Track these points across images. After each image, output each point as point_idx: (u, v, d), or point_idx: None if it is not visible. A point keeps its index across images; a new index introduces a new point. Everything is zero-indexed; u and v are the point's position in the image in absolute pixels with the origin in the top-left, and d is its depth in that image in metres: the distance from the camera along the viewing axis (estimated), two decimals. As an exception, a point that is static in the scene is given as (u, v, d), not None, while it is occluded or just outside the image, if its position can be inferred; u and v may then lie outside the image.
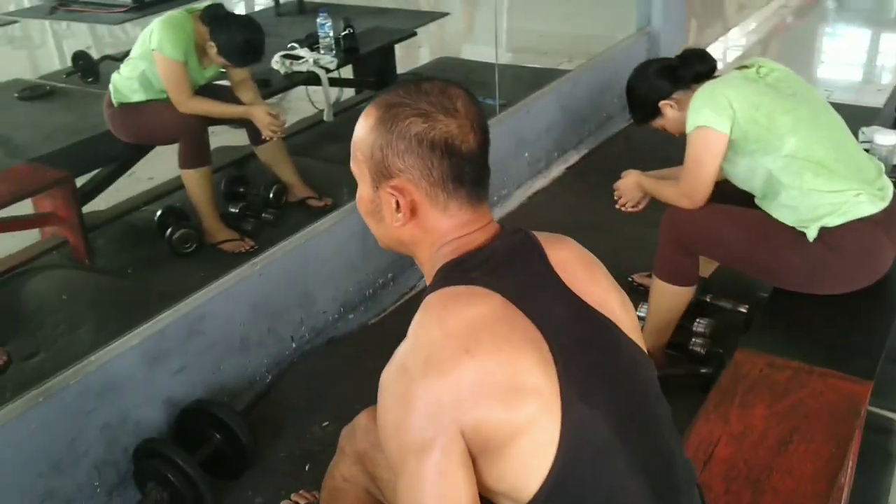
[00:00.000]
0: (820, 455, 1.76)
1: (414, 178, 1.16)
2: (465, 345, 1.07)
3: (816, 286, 2.23)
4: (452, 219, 1.18)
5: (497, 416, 1.05)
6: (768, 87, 2.25)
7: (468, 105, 1.17)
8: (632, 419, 1.17)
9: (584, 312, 1.19)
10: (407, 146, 1.14)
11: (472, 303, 1.11)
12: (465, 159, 1.15)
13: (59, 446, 2.02)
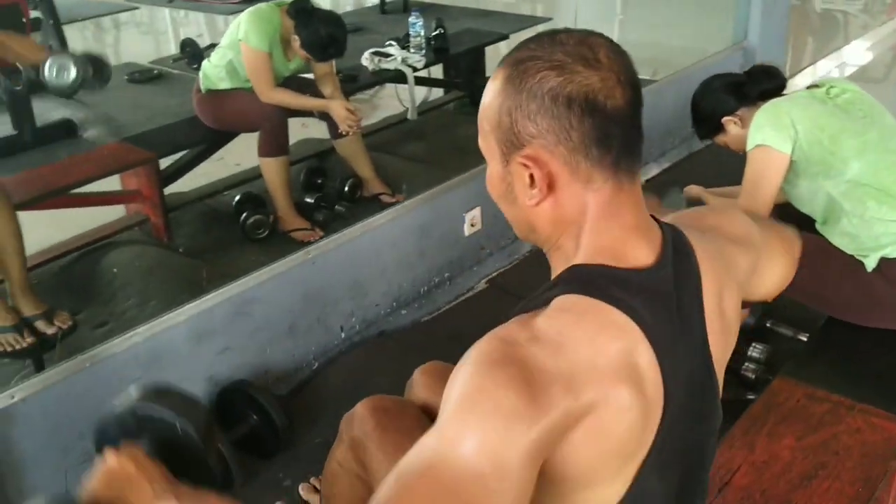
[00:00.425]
0: (843, 493, 1.68)
1: (549, 144, 0.96)
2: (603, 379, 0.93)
3: (871, 319, 2.13)
4: (597, 193, 0.98)
5: (588, 458, 0.94)
6: (837, 108, 2.16)
7: (613, 55, 0.97)
8: (683, 492, 1.11)
9: (705, 377, 1.07)
10: (539, 105, 0.95)
11: (613, 330, 0.95)
12: (611, 119, 0.95)
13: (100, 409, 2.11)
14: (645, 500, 1.03)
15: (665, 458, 1.02)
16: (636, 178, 1.02)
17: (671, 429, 1.00)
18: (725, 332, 1.11)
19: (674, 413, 1.00)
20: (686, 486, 1.10)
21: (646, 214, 1.05)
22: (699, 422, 1.09)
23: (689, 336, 1.04)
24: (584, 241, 1.01)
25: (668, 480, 1.06)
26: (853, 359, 2.11)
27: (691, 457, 1.11)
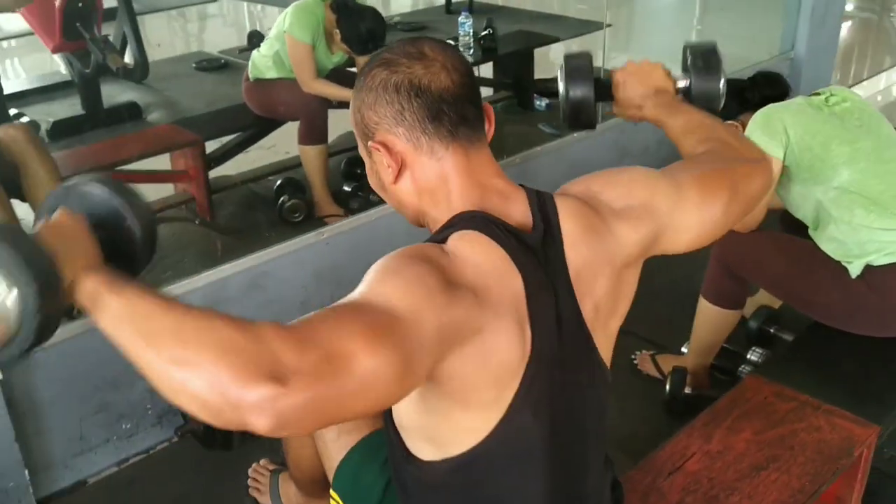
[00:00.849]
0: (788, 486, 1.73)
1: (391, 127, 1.12)
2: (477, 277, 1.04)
3: (853, 325, 2.16)
4: (442, 161, 1.13)
5: (468, 373, 1.05)
6: (832, 115, 2.19)
7: (436, 49, 1.14)
8: (561, 437, 1.20)
9: (573, 322, 1.16)
10: (376, 97, 1.12)
11: (484, 248, 1.07)
12: (439, 98, 1.11)
13: (117, 366, 2.25)
14: (517, 433, 1.13)
15: (535, 395, 1.12)
16: (481, 147, 1.17)
17: (539, 368, 1.11)
18: (594, 294, 1.18)
19: (541, 354, 1.10)
20: (563, 431, 1.19)
21: (503, 176, 1.18)
22: (572, 370, 1.18)
23: (553, 289, 1.13)
24: (456, 200, 1.14)
25: (542, 420, 1.15)
26: (828, 362, 2.14)
27: (568, 403, 1.19)
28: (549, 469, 1.19)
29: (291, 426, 0.87)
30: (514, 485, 1.18)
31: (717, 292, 2.39)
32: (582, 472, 1.28)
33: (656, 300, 3.05)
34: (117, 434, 2.35)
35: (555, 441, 1.18)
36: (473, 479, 1.17)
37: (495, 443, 1.12)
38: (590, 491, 1.30)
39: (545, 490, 1.20)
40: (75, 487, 2.30)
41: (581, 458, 1.27)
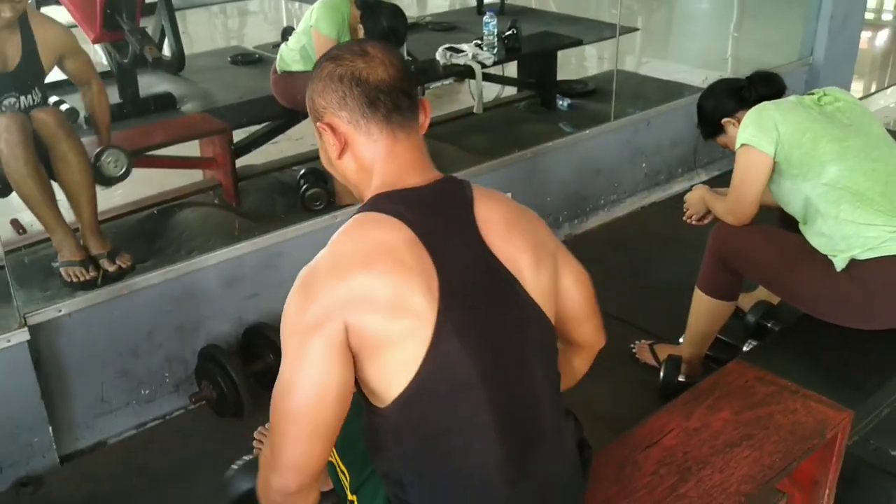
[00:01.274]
0: (759, 462, 1.82)
1: (336, 111, 1.32)
2: (367, 261, 1.26)
3: (837, 317, 2.24)
4: (377, 143, 1.33)
5: (375, 323, 1.24)
6: (823, 114, 2.27)
7: (378, 49, 1.34)
8: (500, 367, 1.33)
9: (489, 265, 1.33)
10: (324, 85, 1.33)
11: (383, 228, 1.29)
12: (377, 87, 1.30)
13: (138, 334, 2.45)
14: (448, 362, 1.27)
15: (457, 325, 1.27)
16: (411, 131, 1.36)
17: (453, 299, 1.27)
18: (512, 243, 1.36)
19: (452, 281, 1.28)
20: (501, 363, 1.33)
21: (425, 159, 1.38)
22: (496, 301, 1.34)
23: (456, 227, 1.34)
24: (374, 181, 1.35)
25: (471, 348, 1.29)
26: (811, 351, 2.22)
27: (499, 336, 1.34)
28: (493, 400, 1.30)
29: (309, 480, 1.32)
30: (462, 416, 1.30)
31: (712, 284, 2.48)
32: (532, 410, 1.38)
33: (656, 294, 3.14)
34: (136, 399, 2.51)
35: (493, 372, 1.31)
36: (422, 414, 1.29)
37: (429, 374, 1.26)
38: (546, 429, 1.40)
39: (495, 422, 1.30)
40: (96, 447, 2.46)
41: (529, 394, 1.37)
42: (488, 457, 1.32)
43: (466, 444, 1.32)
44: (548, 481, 1.39)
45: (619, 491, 1.74)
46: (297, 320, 1.26)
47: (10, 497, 2.26)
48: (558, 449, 1.42)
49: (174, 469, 2.36)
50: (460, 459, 1.32)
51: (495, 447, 1.32)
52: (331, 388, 1.26)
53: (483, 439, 1.31)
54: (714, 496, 1.73)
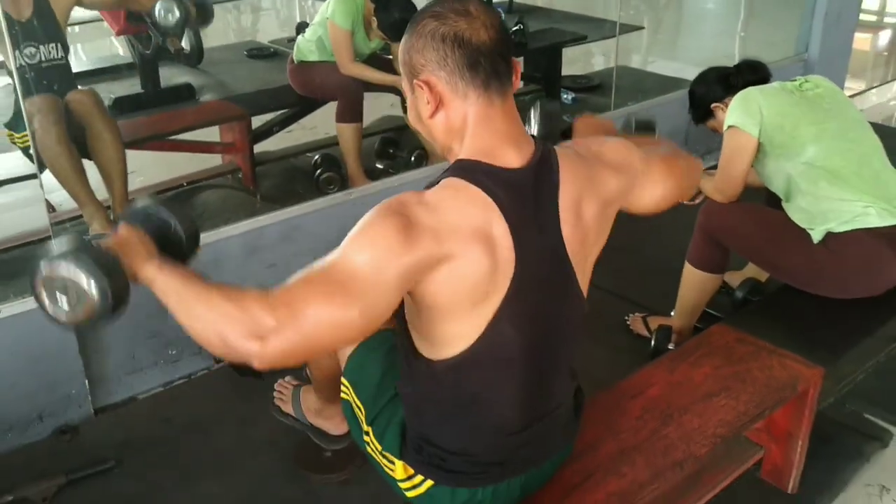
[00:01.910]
0: (735, 409, 2.00)
1: (434, 70, 1.33)
2: (465, 231, 1.30)
3: (815, 286, 2.42)
4: (473, 106, 1.34)
5: (451, 289, 1.32)
6: (804, 99, 2.45)
7: (480, 9, 1.34)
8: (540, 349, 1.49)
9: (559, 258, 1.43)
10: (424, 43, 1.33)
11: (482, 208, 1.33)
12: (478, 50, 1.31)
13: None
14: (500, 342, 1.41)
15: (517, 310, 1.39)
16: (507, 97, 1.38)
17: (522, 287, 1.37)
18: (581, 228, 1.46)
19: (525, 275, 1.36)
20: (539, 344, 1.47)
21: (519, 127, 1.41)
22: (554, 292, 1.45)
23: (542, 221, 1.40)
24: (466, 143, 1.38)
25: (523, 331, 1.43)
26: (789, 317, 2.40)
27: (545, 321, 1.46)
28: (524, 374, 1.48)
29: (281, 363, 1.27)
30: (495, 385, 1.47)
31: (700, 257, 2.66)
32: (551, 379, 1.56)
33: (651, 272, 3.32)
34: (164, 359, 2.70)
35: (531, 352, 1.46)
36: (462, 376, 1.45)
37: (481, 348, 1.39)
38: (556, 393, 1.59)
39: (518, 391, 1.49)
40: (127, 401, 2.65)
41: (552, 367, 1.55)
42: (509, 402, 1.51)
43: (491, 404, 1.50)
44: (551, 424, 1.59)
45: (606, 432, 1.92)
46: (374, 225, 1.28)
47: (49, 443, 2.46)
48: (562, 404, 1.62)
49: (196, 421, 2.55)
50: (482, 413, 1.50)
51: (516, 411, 1.51)
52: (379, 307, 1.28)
53: (507, 404, 1.50)
54: (692, 437, 1.91)
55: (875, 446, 2.44)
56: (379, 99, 4.19)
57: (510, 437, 1.53)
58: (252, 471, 2.36)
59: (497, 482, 1.54)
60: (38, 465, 2.35)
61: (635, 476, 1.80)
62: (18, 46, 2.86)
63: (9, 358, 2.34)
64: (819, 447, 2.39)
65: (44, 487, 2.26)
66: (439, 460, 1.52)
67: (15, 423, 2.41)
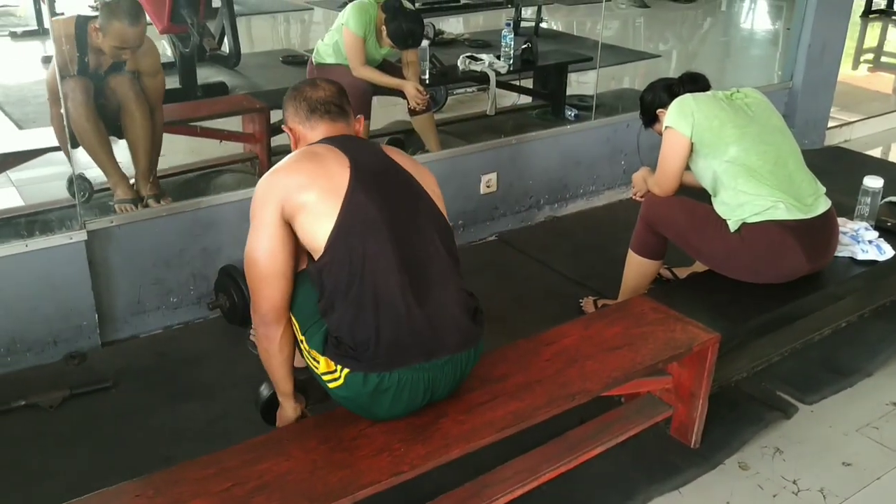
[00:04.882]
0: (632, 360, 2.32)
1: (293, 119, 2.11)
2: (296, 164, 1.97)
3: (731, 270, 2.73)
4: (316, 131, 2.09)
5: (300, 196, 1.91)
6: (731, 106, 2.78)
7: (326, 83, 2.12)
8: (399, 219, 1.96)
9: (391, 166, 2.05)
10: (287, 104, 2.13)
11: (310, 148, 2.02)
12: (317, 101, 2.08)
13: (171, 250, 3.05)
14: (357, 209, 1.91)
15: (366, 187, 1.93)
16: (339, 123, 2.11)
17: (364, 175, 1.94)
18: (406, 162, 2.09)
19: (362, 168, 1.95)
20: (395, 210, 1.96)
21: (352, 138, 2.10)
22: (397, 184, 2.02)
23: (369, 149, 2.07)
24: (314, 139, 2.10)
25: (373, 198, 1.93)
26: (703, 294, 2.72)
27: (401, 201, 1.99)
28: (395, 239, 1.92)
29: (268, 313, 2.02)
30: (373, 249, 1.90)
31: (641, 244, 2.99)
32: (425, 256, 1.98)
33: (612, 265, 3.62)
34: (166, 304, 3.10)
35: (393, 221, 1.93)
36: (344, 249, 1.90)
37: (346, 218, 1.89)
38: (435, 274, 1.99)
39: (397, 255, 1.92)
40: (130, 339, 3.05)
41: (422, 245, 1.98)
42: (392, 281, 1.91)
43: (377, 272, 1.91)
44: (439, 312, 1.97)
45: (517, 368, 2.26)
46: (254, 206, 1.98)
47: (60, 365, 2.86)
48: (446, 294, 2.00)
49: (188, 358, 2.94)
50: (373, 284, 1.91)
51: (397, 275, 1.91)
52: (275, 248, 1.95)
53: (389, 269, 1.91)
54: (589, 377, 2.24)
55: (777, 416, 2.72)
56: (396, 107, 4.58)
57: (401, 319, 1.92)
58: (229, 398, 2.73)
59: (400, 367, 1.90)
60: (48, 382, 2.76)
61: (533, 401, 2.14)
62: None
63: (33, 284, 2.75)
64: (726, 412, 2.70)
65: (51, 397, 2.66)
66: (350, 350, 1.91)
67: (32, 345, 2.82)
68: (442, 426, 2.00)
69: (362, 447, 1.94)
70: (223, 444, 1.94)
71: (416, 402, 1.98)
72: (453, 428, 2.01)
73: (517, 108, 5.42)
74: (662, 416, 2.57)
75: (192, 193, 3.85)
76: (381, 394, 1.91)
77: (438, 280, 1.98)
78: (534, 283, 3.55)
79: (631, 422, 2.52)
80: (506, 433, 2.04)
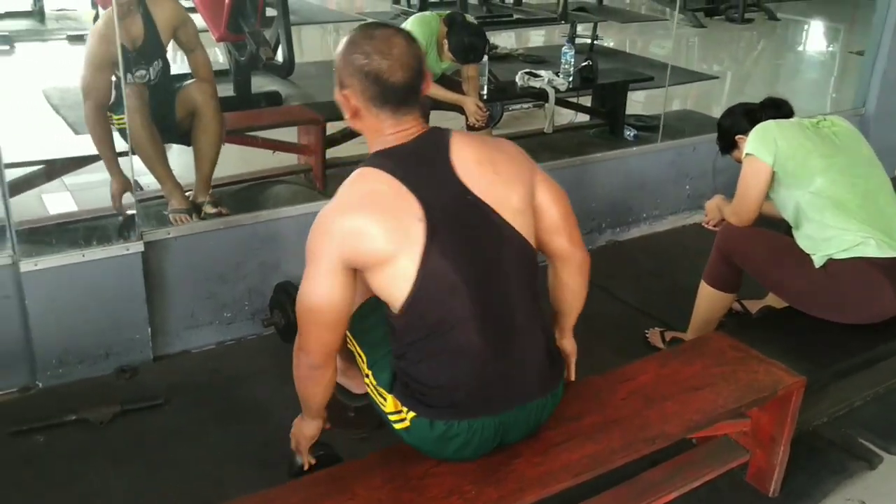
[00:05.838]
0: (713, 402, 2.19)
1: (356, 93, 1.71)
2: (363, 203, 1.70)
3: (815, 308, 2.59)
4: (382, 122, 1.73)
5: (372, 248, 1.66)
6: (817, 135, 2.64)
7: (402, 50, 1.68)
8: (481, 275, 1.75)
9: (466, 199, 1.72)
10: (352, 71, 1.70)
11: (376, 180, 1.70)
12: (390, 88, 1.68)
13: (227, 264, 2.97)
14: (436, 270, 1.68)
15: (441, 244, 1.67)
16: (408, 115, 1.74)
17: (438, 225, 1.67)
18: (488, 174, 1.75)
19: (437, 218, 1.67)
20: (478, 269, 1.73)
21: (418, 126, 1.76)
22: (476, 229, 1.73)
23: (434, 172, 1.72)
24: (376, 145, 1.77)
25: (455, 259, 1.70)
26: (786, 333, 2.57)
27: (475, 250, 1.73)
28: (476, 299, 1.72)
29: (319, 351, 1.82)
30: (452, 311, 1.71)
31: (715, 276, 2.85)
32: (508, 308, 1.79)
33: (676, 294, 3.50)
34: (219, 319, 3.02)
35: (475, 279, 1.72)
36: (422, 312, 1.71)
37: (424, 284, 1.67)
38: (519, 325, 1.81)
39: (477, 315, 1.73)
40: (182, 354, 2.98)
41: (505, 297, 1.78)
42: (474, 338, 1.75)
43: (456, 331, 1.75)
44: (520, 362, 1.82)
45: (593, 406, 2.13)
46: (311, 247, 1.73)
47: (111, 378, 2.79)
48: (528, 340, 1.85)
49: (242, 375, 2.86)
50: (451, 342, 1.75)
51: (479, 332, 1.75)
52: (334, 296, 1.72)
53: (471, 327, 1.74)
54: (669, 419, 2.11)
55: (861, 466, 2.56)
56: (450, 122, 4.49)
57: (478, 370, 1.76)
58: (283, 421, 2.60)
59: (470, 417, 1.78)
60: (100, 395, 2.68)
61: (610, 443, 2.01)
62: (130, 70, 3.25)
63: (87, 295, 2.68)
64: (806, 459, 2.55)
65: (102, 412, 2.59)
66: (420, 395, 1.78)
67: (84, 357, 2.75)
68: (516, 468, 1.89)
69: (430, 487, 1.83)
70: (277, 469, 1.90)
71: (486, 448, 1.86)
72: (528, 470, 1.89)
73: (574, 126, 5.30)
74: (739, 461, 2.43)
75: (244, 204, 3.79)
76: (449, 440, 1.80)
77: (522, 327, 1.83)
78: (596, 311, 3.38)
79: (706, 466, 2.39)
80: (582, 478, 1.92)
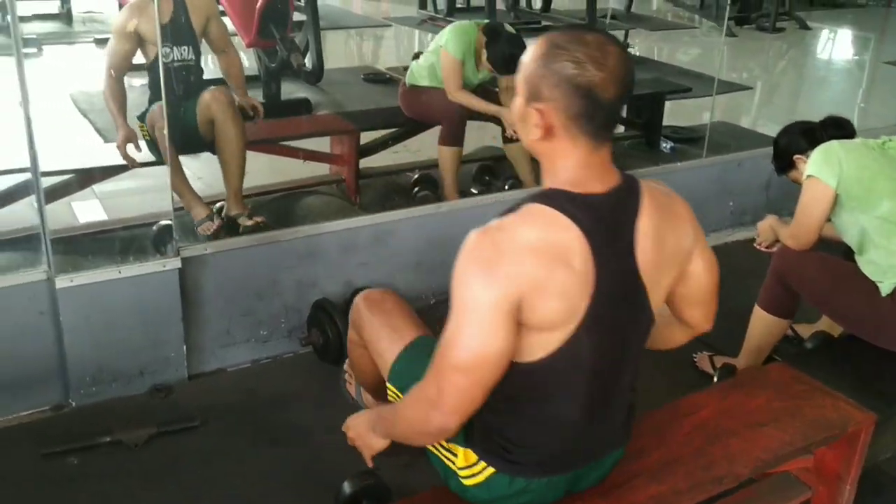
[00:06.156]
0: (781, 440, 2.08)
1: (557, 108, 1.41)
2: (549, 253, 1.41)
3: (880, 338, 2.47)
4: (578, 149, 1.44)
5: (542, 309, 1.42)
6: (884, 156, 2.53)
7: (618, 61, 1.38)
8: (610, 361, 1.59)
9: (634, 282, 1.53)
10: (558, 82, 1.39)
11: (564, 230, 1.42)
12: (601, 106, 1.39)
13: (264, 281, 2.89)
14: (575, 351, 1.50)
15: (594, 327, 1.48)
16: (606, 145, 1.47)
17: (600, 306, 1.46)
18: (656, 253, 1.54)
19: (603, 292, 1.45)
20: (608, 355, 1.57)
21: (609, 165, 1.50)
22: (629, 309, 1.55)
23: (619, 244, 1.49)
24: (561, 175, 1.48)
25: (599, 344, 1.52)
26: (849, 363, 2.46)
27: (618, 334, 1.56)
28: (593, 381, 1.59)
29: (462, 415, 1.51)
30: (566, 388, 1.58)
31: (770, 301, 2.74)
32: (616, 389, 1.68)
33: (724, 316, 3.36)
34: (255, 337, 2.93)
35: (603, 365, 1.57)
36: (539, 380, 1.54)
37: (561, 357, 1.49)
38: (618, 400, 1.71)
39: (586, 396, 1.60)
40: (217, 372, 2.89)
41: (616, 376, 1.65)
42: (574, 413, 1.62)
43: (561, 405, 1.61)
44: (608, 423, 1.72)
45: (655, 442, 2.03)
46: (464, 278, 1.42)
47: (146, 398, 2.71)
48: (621, 402, 1.74)
49: (277, 396, 2.77)
50: (551, 410, 1.61)
51: (581, 410, 1.62)
52: (495, 349, 1.42)
53: (577, 405, 1.62)
54: (735, 458, 2.00)
55: (928, 505, 2.46)
56: (483, 130, 4.40)
57: (571, 436, 1.66)
58: (321, 444, 2.54)
59: (551, 475, 1.67)
60: (134, 415, 2.60)
61: (675, 483, 1.90)
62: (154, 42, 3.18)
63: (122, 311, 2.60)
64: (871, 497, 2.43)
65: (137, 434, 2.50)
66: (504, 451, 1.64)
67: (118, 375, 2.67)
68: (579, 511, 1.79)
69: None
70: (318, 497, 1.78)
71: (555, 498, 1.75)
72: (592, 513, 1.79)
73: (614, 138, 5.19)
74: (801, 498, 2.32)
75: (278, 216, 3.72)
76: (522, 494, 1.68)
77: (621, 390, 1.71)
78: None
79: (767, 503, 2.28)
80: (648, 521, 1.81)
